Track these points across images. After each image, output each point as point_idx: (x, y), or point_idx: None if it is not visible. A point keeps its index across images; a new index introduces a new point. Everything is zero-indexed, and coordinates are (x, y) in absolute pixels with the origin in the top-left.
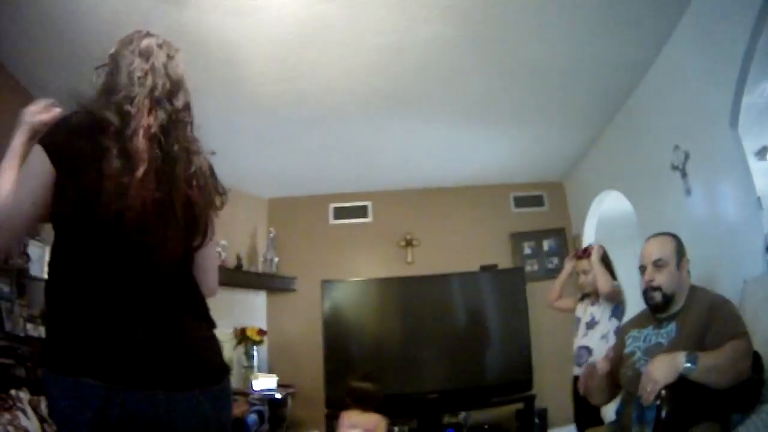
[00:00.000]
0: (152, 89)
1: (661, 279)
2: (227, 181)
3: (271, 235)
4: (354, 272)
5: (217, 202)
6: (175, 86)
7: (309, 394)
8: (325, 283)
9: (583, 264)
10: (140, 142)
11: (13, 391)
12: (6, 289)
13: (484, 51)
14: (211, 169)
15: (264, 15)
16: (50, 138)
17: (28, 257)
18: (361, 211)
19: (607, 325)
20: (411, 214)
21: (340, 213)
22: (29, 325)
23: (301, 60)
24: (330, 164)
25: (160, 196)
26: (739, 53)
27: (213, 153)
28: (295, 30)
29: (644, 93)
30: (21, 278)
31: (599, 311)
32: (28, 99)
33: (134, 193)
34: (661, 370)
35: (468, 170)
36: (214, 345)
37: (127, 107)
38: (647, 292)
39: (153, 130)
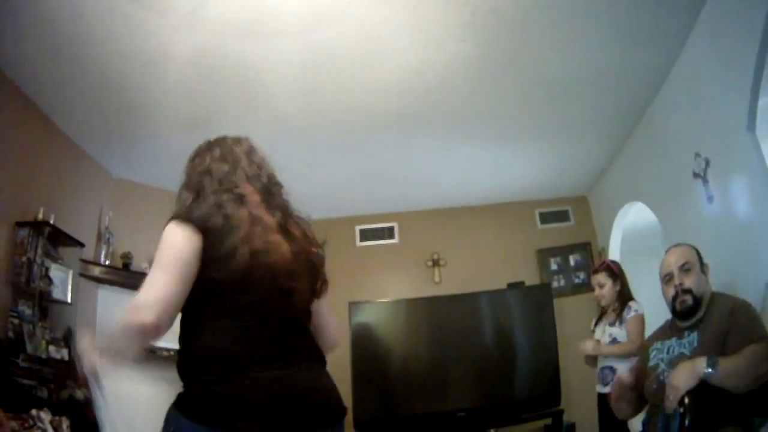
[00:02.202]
0: (249, 176)
1: (690, 281)
2: None
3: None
4: (381, 293)
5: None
6: (262, 169)
7: None
8: (353, 305)
9: (599, 278)
10: (263, 213)
11: (34, 411)
12: (28, 311)
13: (504, 67)
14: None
15: (284, 38)
16: (189, 216)
17: (50, 281)
18: (388, 233)
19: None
20: (437, 233)
21: (366, 235)
22: (51, 347)
23: (322, 81)
24: (355, 186)
25: (295, 249)
26: (752, 56)
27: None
28: (315, 52)
29: (663, 102)
30: (43, 301)
31: (620, 332)
32: (25, 101)
33: (282, 248)
34: (682, 377)
35: (492, 188)
36: (335, 388)
37: (238, 190)
38: (677, 297)
39: (260, 202)
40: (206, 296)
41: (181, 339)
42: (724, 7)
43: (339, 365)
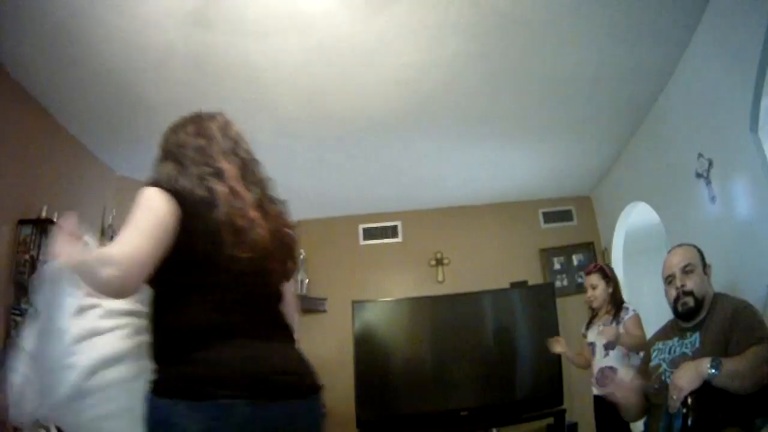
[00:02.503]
0: (225, 151)
1: (691, 283)
2: None
3: (301, 256)
4: (385, 292)
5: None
6: (238, 144)
7: (339, 415)
8: (356, 304)
9: (592, 279)
10: (242, 188)
11: None
12: (31, 309)
13: (507, 66)
14: None
15: (287, 37)
16: (172, 186)
17: None
18: (391, 231)
19: None
20: (441, 232)
21: (369, 233)
22: None
23: (325, 81)
24: (358, 184)
25: (271, 228)
26: (755, 56)
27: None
28: (318, 51)
29: (667, 102)
30: None
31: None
32: (27, 99)
33: (260, 226)
34: (686, 377)
35: (496, 187)
36: (309, 363)
37: (216, 164)
38: (679, 299)
39: (239, 178)
40: (182, 271)
41: (155, 316)
42: (727, 7)
43: (342, 364)
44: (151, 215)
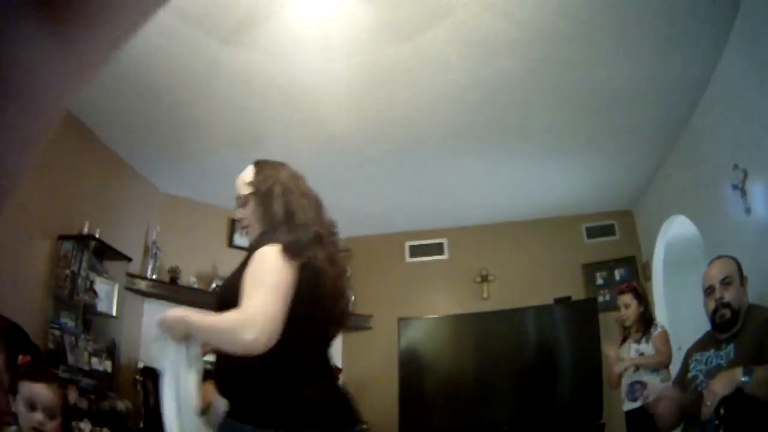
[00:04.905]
0: (316, 210)
1: (729, 296)
2: None
3: (348, 273)
4: (430, 309)
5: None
6: (319, 202)
7: (383, 429)
8: (402, 321)
9: (625, 298)
10: (333, 250)
11: (73, 422)
12: (71, 323)
13: (549, 83)
14: None
15: (332, 56)
16: (295, 255)
17: (95, 294)
18: (437, 249)
19: None
20: (486, 249)
21: (416, 251)
22: (94, 359)
23: (371, 98)
24: (405, 202)
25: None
26: None
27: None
28: (364, 69)
29: (703, 114)
30: (87, 314)
31: (648, 347)
32: (69, 117)
33: (341, 283)
34: (720, 384)
35: (540, 203)
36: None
37: (315, 229)
38: (717, 310)
39: (327, 237)
40: (288, 326)
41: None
42: (756, 18)
43: (387, 380)
44: (283, 278)
